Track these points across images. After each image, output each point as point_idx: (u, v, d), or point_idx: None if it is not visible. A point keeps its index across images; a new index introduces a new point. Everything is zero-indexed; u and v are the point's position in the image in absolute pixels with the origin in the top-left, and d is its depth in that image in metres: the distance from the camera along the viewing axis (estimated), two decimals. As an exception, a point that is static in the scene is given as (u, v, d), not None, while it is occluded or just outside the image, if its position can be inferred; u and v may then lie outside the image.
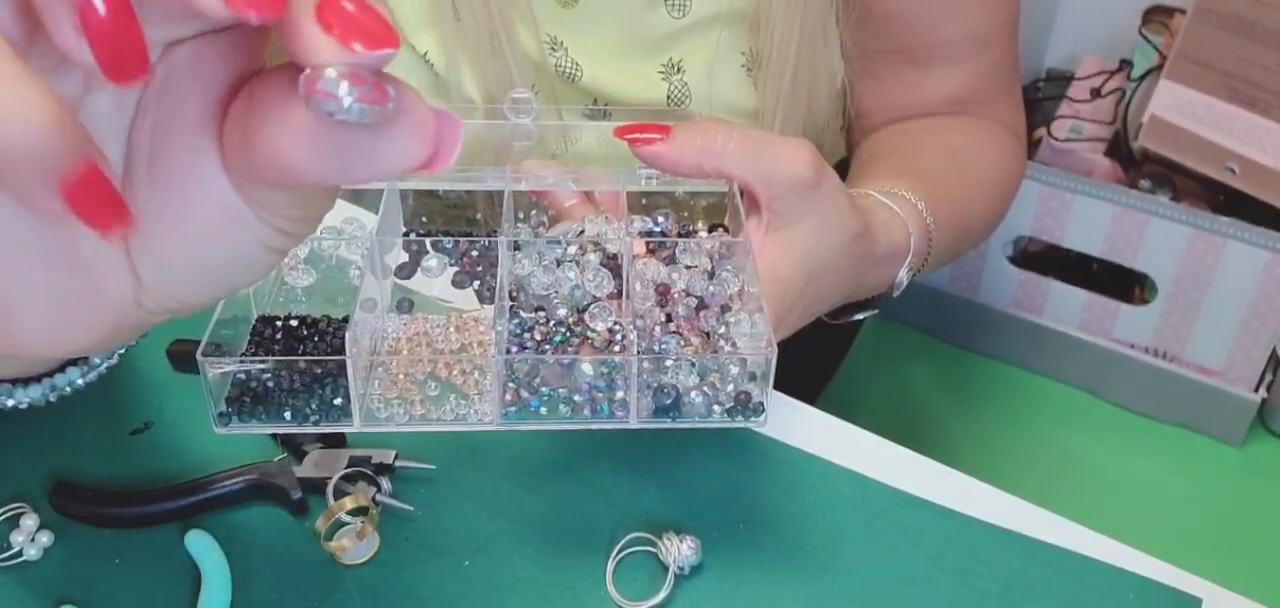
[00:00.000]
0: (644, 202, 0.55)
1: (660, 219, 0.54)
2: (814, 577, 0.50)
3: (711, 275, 0.50)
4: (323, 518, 0.50)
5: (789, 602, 0.49)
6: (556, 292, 0.49)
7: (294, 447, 0.54)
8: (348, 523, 0.50)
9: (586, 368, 0.45)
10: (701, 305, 0.48)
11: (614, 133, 0.50)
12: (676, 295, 0.49)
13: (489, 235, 0.53)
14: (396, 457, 0.53)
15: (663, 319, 0.48)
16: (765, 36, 0.67)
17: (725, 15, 0.68)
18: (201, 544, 0.50)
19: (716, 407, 0.45)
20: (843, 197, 0.53)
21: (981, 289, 1.57)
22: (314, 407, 0.45)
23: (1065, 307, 1.52)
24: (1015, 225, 1.50)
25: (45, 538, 0.50)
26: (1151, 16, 1.54)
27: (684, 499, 0.53)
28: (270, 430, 0.45)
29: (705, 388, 0.45)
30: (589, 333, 0.47)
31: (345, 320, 0.47)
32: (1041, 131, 1.53)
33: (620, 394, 0.45)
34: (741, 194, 0.52)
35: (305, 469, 0.53)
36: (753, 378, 0.45)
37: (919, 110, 0.75)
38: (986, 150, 0.75)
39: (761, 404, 0.45)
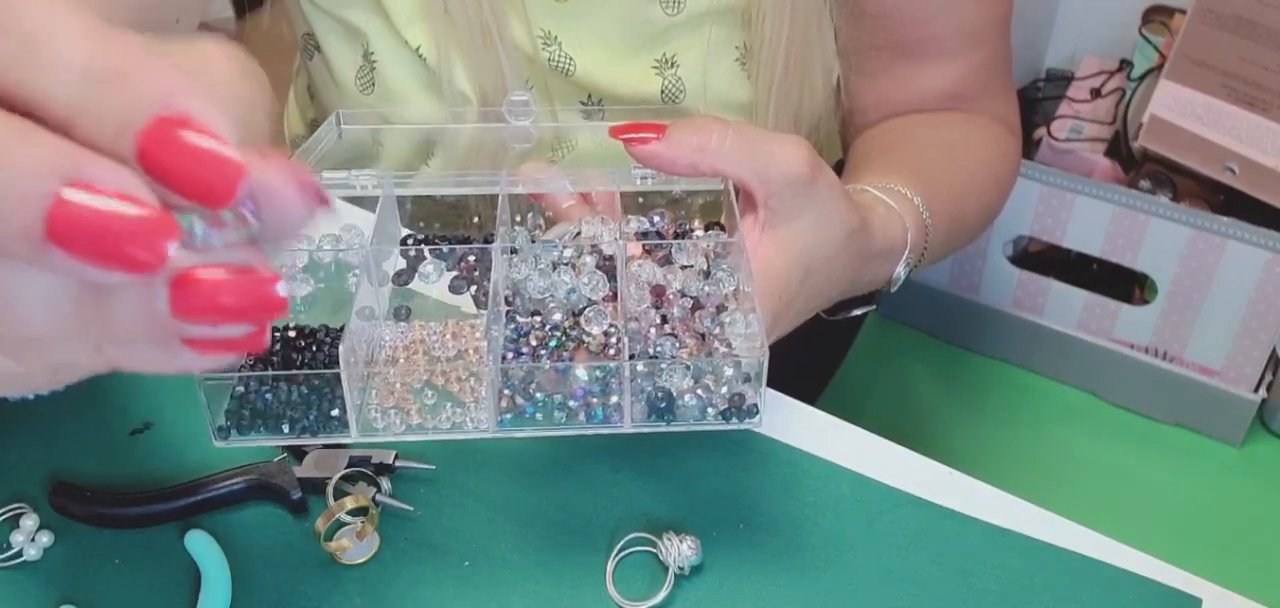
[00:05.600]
0: (640, 201, 0.55)
1: (656, 218, 0.53)
2: (814, 577, 0.50)
3: (707, 275, 0.50)
4: (323, 518, 0.50)
5: (789, 602, 0.49)
6: (552, 296, 0.49)
7: (294, 447, 0.54)
8: (348, 523, 0.50)
9: (581, 373, 0.45)
10: (697, 306, 0.48)
11: (609, 133, 0.50)
12: (671, 297, 0.49)
13: (485, 240, 0.53)
14: (396, 457, 0.53)
15: (658, 321, 0.47)
16: (757, 28, 0.67)
17: (718, 10, 0.68)
18: (201, 544, 0.50)
19: (711, 409, 0.45)
20: (839, 192, 0.53)
21: (981, 289, 1.56)
22: (312, 419, 0.45)
23: (1065, 307, 1.52)
24: (1015, 225, 1.50)
25: (45, 538, 0.50)
26: (1151, 16, 1.54)
27: (684, 499, 0.53)
28: (270, 443, 0.45)
29: (699, 391, 0.45)
30: (585, 337, 0.47)
31: (343, 330, 0.47)
32: (1041, 131, 1.53)
33: (615, 399, 0.45)
34: (737, 192, 0.52)
35: (305, 469, 0.53)
36: (747, 379, 0.45)
37: (912, 106, 0.76)
38: (981, 145, 0.75)
39: (755, 406, 0.45)
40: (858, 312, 0.65)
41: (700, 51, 0.69)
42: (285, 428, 0.44)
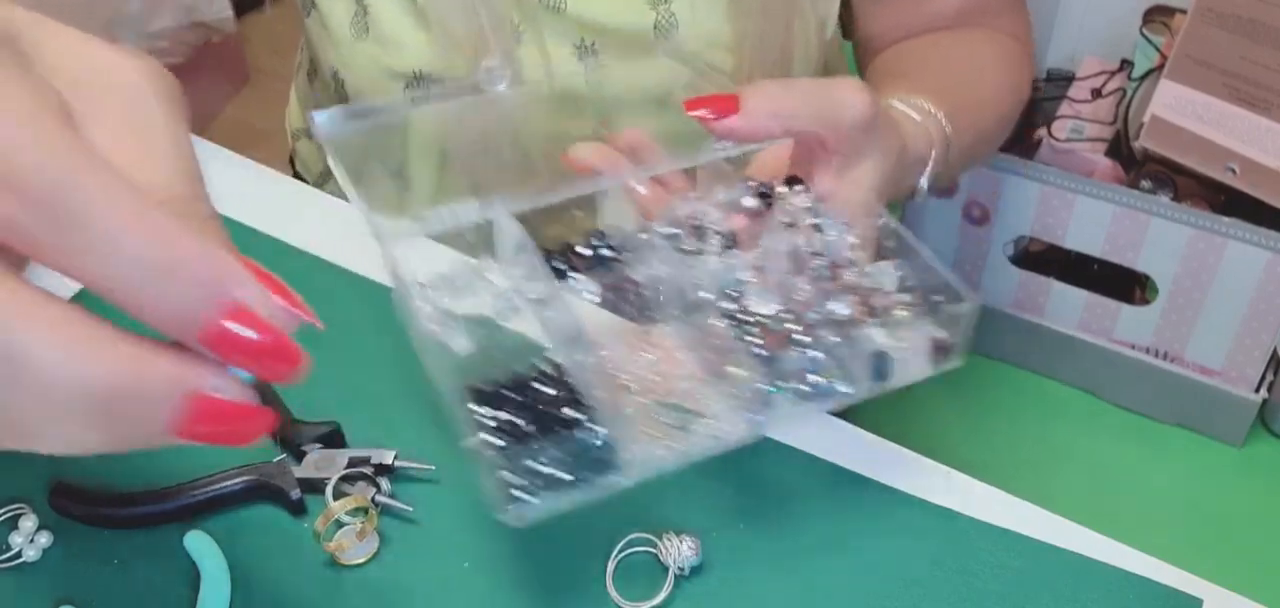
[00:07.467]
0: (729, 169, 0.55)
1: (750, 186, 0.53)
2: (814, 577, 0.50)
3: (818, 231, 0.51)
4: (322, 518, 0.50)
5: (789, 602, 0.49)
6: (709, 286, 0.49)
7: (293, 447, 0.54)
8: (347, 523, 0.50)
9: (816, 352, 0.46)
10: (835, 266, 0.49)
11: (684, 107, 0.50)
12: (806, 257, 0.49)
13: (594, 238, 0.51)
14: (396, 457, 0.53)
15: (808, 286, 0.48)
16: None
17: None
18: (201, 544, 0.50)
19: (917, 361, 0.47)
20: (887, 120, 0.55)
21: (981, 289, 1.56)
22: (586, 470, 0.42)
23: (1066, 307, 1.52)
24: (1016, 225, 1.50)
25: (44, 539, 0.50)
26: (1152, 16, 1.54)
27: (684, 499, 0.53)
28: (557, 506, 0.42)
29: (902, 347, 0.47)
30: (764, 319, 0.47)
31: (553, 363, 0.45)
32: (1042, 132, 1.53)
33: (821, 375, 0.46)
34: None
35: (304, 469, 0.52)
36: (947, 324, 0.47)
37: (925, 26, 0.79)
38: (996, 58, 0.79)
39: (956, 346, 0.47)
40: None
41: None
42: (567, 484, 0.42)
